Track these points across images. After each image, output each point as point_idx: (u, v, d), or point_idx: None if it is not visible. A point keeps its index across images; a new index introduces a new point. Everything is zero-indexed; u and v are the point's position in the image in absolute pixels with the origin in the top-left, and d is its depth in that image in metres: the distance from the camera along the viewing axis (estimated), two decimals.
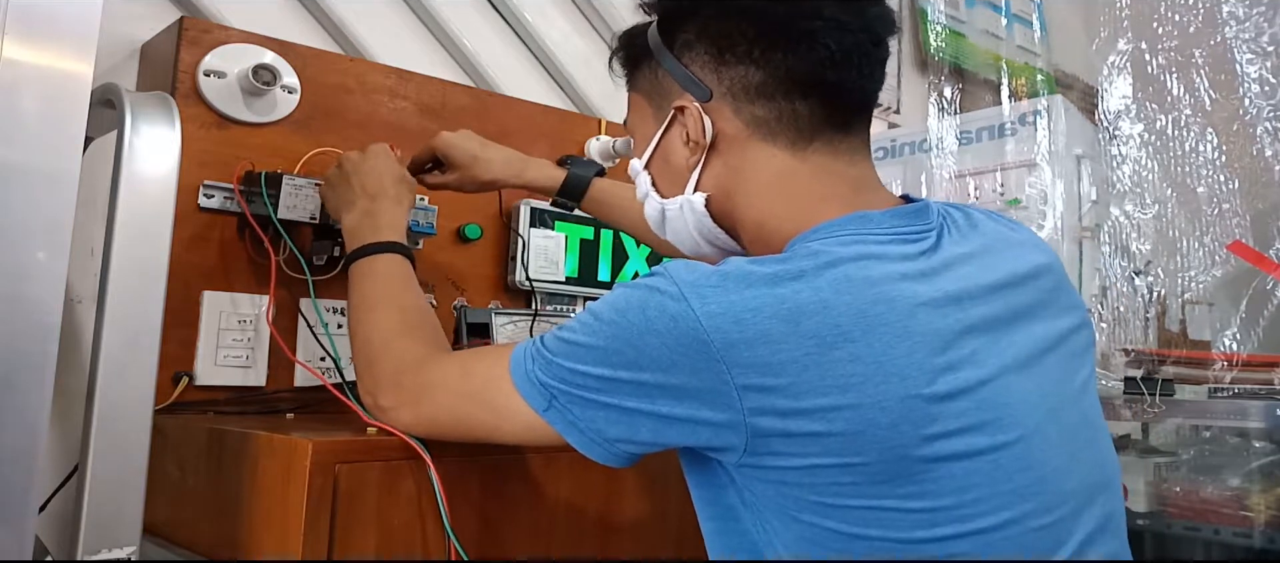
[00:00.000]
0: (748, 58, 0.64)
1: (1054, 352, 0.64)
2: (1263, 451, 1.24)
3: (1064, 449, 0.61)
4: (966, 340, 0.58)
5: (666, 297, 0.57)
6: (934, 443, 0.55)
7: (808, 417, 0.54)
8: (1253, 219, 1.29)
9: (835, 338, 0.54)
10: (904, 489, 0.55)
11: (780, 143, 0.65)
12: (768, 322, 0.55)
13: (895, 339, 0.55)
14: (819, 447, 0.55)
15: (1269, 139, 1.27)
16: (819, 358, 0.54)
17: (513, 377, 0.64)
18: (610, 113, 1.52)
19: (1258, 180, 1.29)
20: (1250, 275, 1.27)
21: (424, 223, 1.10)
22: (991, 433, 0.56)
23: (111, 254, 0.68)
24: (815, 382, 0.54)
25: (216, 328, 1.03)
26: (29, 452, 0.60)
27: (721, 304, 0.55)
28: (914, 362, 0.55)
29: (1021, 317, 0.63)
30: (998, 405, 0.57)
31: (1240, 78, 1.29)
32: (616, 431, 0.60)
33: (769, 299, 0.55)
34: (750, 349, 0.54)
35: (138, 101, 0.72)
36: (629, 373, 0.58)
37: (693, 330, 0.55)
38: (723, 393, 0.55)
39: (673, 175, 0.70)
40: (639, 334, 0.57)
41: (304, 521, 0.70)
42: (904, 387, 0.55)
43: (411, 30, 1.37)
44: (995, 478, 0.56)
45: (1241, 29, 1.29)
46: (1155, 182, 1.36)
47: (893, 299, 0.57)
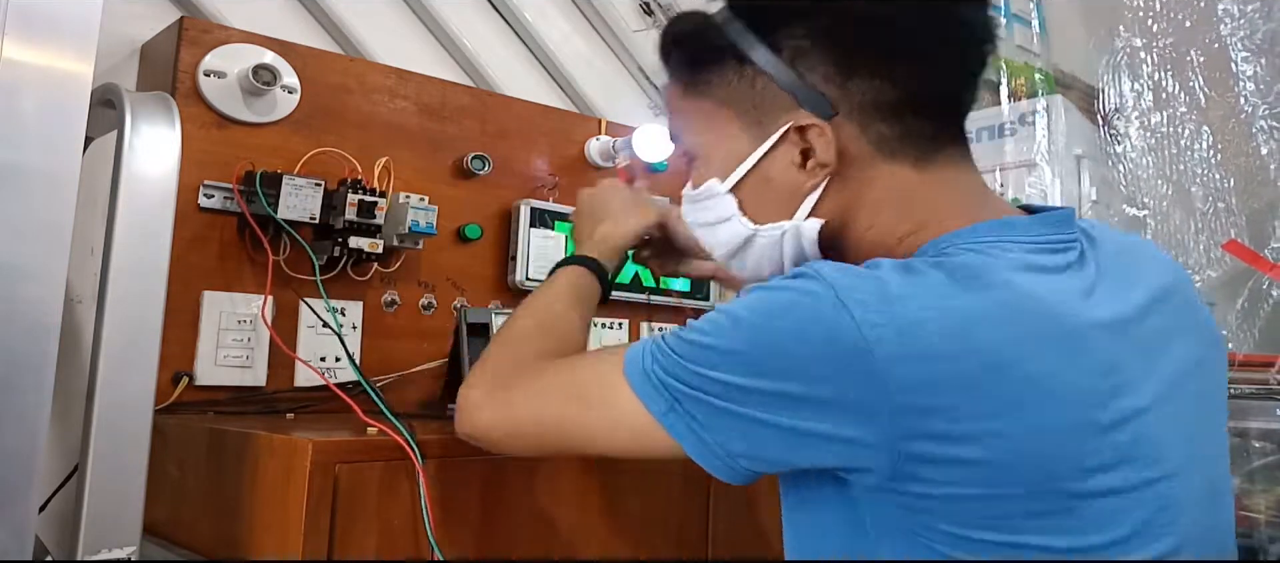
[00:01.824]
0: (878, 71, 0.58)
1: (1193, 378, 0.60)
2: (1262, 451, 1.24)
3: (1196, 486, 0.57)
4: (1127, 365, 0.54)
5: (821, 302, 0.51)
6: (1093, 476, 0.51)
7: (963, 442, 0.49)
8: (1248, 218, 1.29)
9: (1004, 359, 0.50)
10: (1052, 524, 0.51)
11: (905, 161, 0.59)
12: (934, 337, 0.50)
13: (1065, 363, 0.51)
14: (968, 475, 0.50)
15: (1264, 137, 1.27)
16: (985, 379, 0.49)
17: (628, 374, 0.57)
18: (610, 113, 1.53)
19: (1253, 179, 1.29)
20: (1247, 275, 1.28)
21: (424, 223, 1.10)
22: (1143, 467, 0.53)
23: (111, 254, 0.68)
24: (978, 405, 0.49)
25: (216, 328, 1.03)
26: (29, 452, 0.60)
27: (885, 314, 0.50)
28: (1082, 388, 0.51)
29: (1167, 339, 0.59)
30: (1154, 437, 0.53)
31: (1236, 76, 1.29)
32: (742, 445, 0.54)
33: (935, 313, 0.50)
34: (914, 366, 0.49)
35: (138, 101, 0.72)
36: (771, 383, 0.52)
37: (852, 342, 0.50)
38: (877, 412, 0.50)
39: (776, 199, 0.61)
40: (788, 341, 0.51)
41: (304, 521, 0.70)
42: (1070, 415, 0.50)
43: (411, 30, 1.37)
44: (1148, 513, 0.53)
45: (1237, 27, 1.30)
46: (1151, 180, 1.37)
47: (1061, 318, 0.52)
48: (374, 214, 1.08)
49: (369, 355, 1.13)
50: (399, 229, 1.09)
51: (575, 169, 1.39)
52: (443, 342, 1.21)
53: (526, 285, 1.28)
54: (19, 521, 0.60)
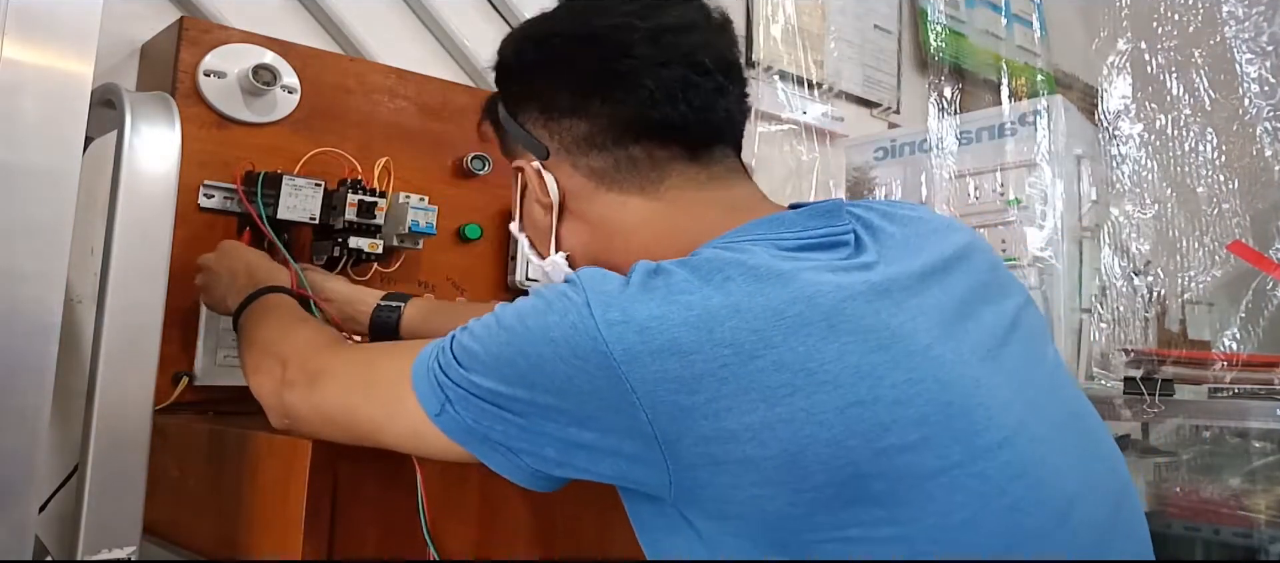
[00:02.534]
0: (571, 111, 0.62)
1: (1013, 336, 0.58)
2: (1263, 451, 1.24)
3: (1054, 445, 0.54)
4: (910, 335, 0.51)
5: (570, 306, 0.50)
6: (892, 457, 0.47)
7: (735, 440, 0.47)
8: (1253, 219, 1.29)
9: (755, 346, 0.47)
10: (867, 514, 0.47)
11: (629, 189, 0.62)
12: (676, 331, 0.48)
13: (821, 340, 0.48)
14: (756, 474, 0.47)
15: (1269, 139, 1.27)
16: (738, 370, 0.47)
17: (413, 370, 0.57)
18: None
19: (1257, 180, 1.29)
20: (1250, 275, 1.27)
21: (424, 223, 1.10)
22: (967, 441, 0.49)
23: (111, 254, 0.68)
24: (737, 398, 0.47)
25: (217, 328, 1.03)
26: (29, 452, 0.60)
27: (625, 313, 0.48)
28: (847, 364, 0.48)
29: (968, 302, 0.57)
30: (967, 408, 0.50)
31: (1240, 77, 1.29)
32: (524, 446, 0.53)
33: (677, 307, 0.48)
34: (660, 363, 0.47)
35: (138, 101, 0.72)
36: (528, 391, 0.51)
37: (592, 344, 0.48)
38: (633, 417, 0.48)
39: (540, 236, 0.68)
40: (537, 347, 0.50)
41: (304, 521, 0.70)
42: (840, 395, 0.47)
43: (411, 30, 1.37)
44: (984, 493, 0.49)
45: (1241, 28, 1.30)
46: (1155, 182, 1.36)
47: (812, 296, 0.50)
48: (374, 214, 1.08)
49: None
50: (399, 229, 1.09)
51: None
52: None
53: (526, 285, 1.28)
54: (19, 521, 0.60)
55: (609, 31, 0.60)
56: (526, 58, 0.66)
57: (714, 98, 0.61)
